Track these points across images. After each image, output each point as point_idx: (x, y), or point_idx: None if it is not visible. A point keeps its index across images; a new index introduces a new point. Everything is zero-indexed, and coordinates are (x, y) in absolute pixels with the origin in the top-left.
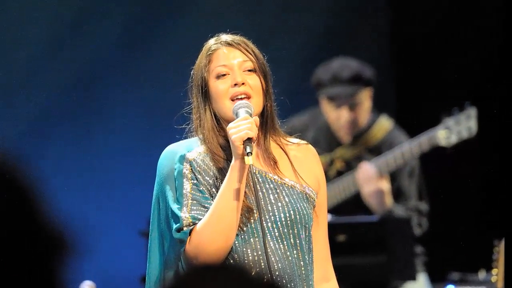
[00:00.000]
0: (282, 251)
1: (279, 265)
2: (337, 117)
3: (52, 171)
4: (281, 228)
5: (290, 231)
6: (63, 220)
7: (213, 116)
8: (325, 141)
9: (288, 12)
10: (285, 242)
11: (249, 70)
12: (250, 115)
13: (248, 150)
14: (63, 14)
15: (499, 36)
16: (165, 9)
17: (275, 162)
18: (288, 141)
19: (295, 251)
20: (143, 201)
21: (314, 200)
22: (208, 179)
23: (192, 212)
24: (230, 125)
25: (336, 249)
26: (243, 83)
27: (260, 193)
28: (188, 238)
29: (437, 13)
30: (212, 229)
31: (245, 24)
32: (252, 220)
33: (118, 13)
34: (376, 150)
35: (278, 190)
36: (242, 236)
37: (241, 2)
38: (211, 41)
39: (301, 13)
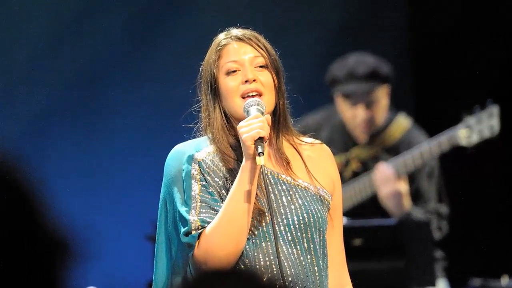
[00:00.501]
0: (295, 256)
1: (292, 270)
2: (353, 115)
3: (54, 172)
4: (294, 232)
5: (304, 235)
6: (65, 223)
7: (223, 114)
8: (340, 141)
9: (302, 6)
10: (298, 247)
11: (261, 66)
12: (262, 113)
13: (259, 150)
14: (64, 12)
15: None
16: (170, 4)
17: (288, 163)
18: (301, 141)
19: (309, 256)
20: (149, 204)
21: (329, 203)
22: (217, 180)
23: (201, 215)
24: (241, 124)
25: (351, 254)
26: (254, 80)
27: (272, 195)
28: (197, 242)
29: (458, 5)
30: (222, 233)
31: (256, 18)
32: (263, 224)
33: (119, 11)
34: (393, 150)
35: (291, 192)
36: (254, 240)
37: None
38: (221, 36)
39: (315, 6)
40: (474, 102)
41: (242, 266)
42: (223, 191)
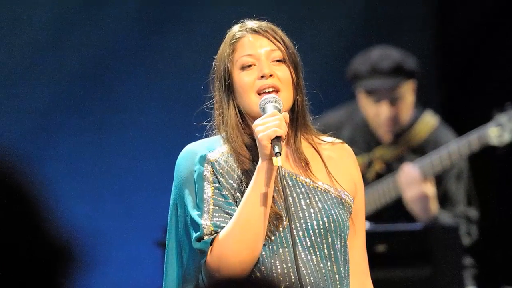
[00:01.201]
0: (315, 263)
1: (311, 278)
2: (377, 113)
3: (57, 173)
4: (313, 237)
5: (324, 240)
6: (69, 229)
7: (237, 112)
8: (363, 140)
9: None
10: (318, 253)
11: (278, 61)
12: (279, 110)
13: (276, 150)
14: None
15: None
16: None
17: (307, 164)
18: (321, 140)
19: (329, 263)
20: (159, 207)
21: (351, 206)
22: (231, 182)
23: (214, 219)
24: (257, 122)
25: (375, 261)
26: (271, 75)
27: (290, 198)
28: (210, 249)
29: None
30: (237, 239)
31: (273, 9)
32: (281, 228)
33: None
34: (420, 150)
35: (310, 195)
36: (270, 246)
37: None
38: (236, 28)
39: None
40: (506, 98)
41: (258, 274)
42: (238, 194)
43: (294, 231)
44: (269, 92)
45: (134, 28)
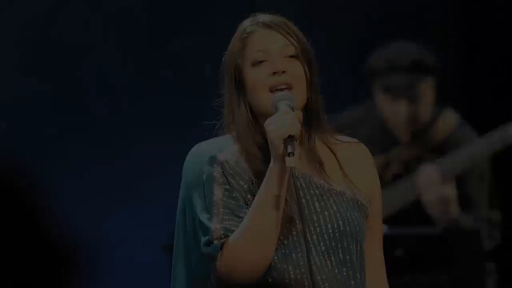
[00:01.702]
0: (330, 268)
1: (326, 284)
2: (394, 111)
3: (60, 176)
4: (328, 242)
5: (339, 245)
6: (73, 234)
7: (248, 110)
8: (380, 140)
9: None
10: (332, 258)
11: (291, 56)
12: (292, 108)
13: (289, 150)
14: None
15: None
16: None
17: (321, 164)
18: (336, 140)
19: (344, 269)
20: (166, 210)
21: (367, 209)
22: (242, 184)
23: (224, 222)
24: (269, 120)
25: (392, 266)
26: (283, 72)
27: (303, 200)
28: (219, 253)
29: None
30: (248, 243)
31: (286, 2)
32: (294, 232)
33: None
34: (439, 150)
35: (324, 197)
36: (283, 251)
37: None
38: (246, 22)
39: None
40: None
41: (270, 280)
42: (249, 196)
43: (308, 235)
44: (282, 89)
45: (142, 16)
